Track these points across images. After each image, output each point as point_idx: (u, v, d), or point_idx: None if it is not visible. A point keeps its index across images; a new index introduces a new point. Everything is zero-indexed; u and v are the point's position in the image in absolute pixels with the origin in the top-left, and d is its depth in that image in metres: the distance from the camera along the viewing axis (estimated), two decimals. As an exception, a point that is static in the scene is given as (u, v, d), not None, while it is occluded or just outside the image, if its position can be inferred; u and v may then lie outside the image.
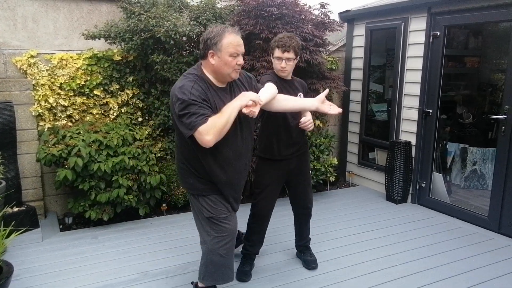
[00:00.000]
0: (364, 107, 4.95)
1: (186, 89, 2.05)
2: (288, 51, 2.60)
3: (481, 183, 4.66)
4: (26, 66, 3.68)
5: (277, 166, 2.76)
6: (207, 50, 2.11)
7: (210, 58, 2.11)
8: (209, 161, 2.18)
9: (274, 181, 2.78)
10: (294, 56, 2.63)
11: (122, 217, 3.77)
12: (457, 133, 5.08)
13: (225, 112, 2.05)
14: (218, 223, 2.23)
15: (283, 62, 2.62)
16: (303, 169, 2.87)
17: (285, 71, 2.67)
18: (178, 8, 3.88)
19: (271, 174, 2.77)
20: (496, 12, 3.52)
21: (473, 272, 2.94)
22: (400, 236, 3.55)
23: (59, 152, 3.37)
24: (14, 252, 3.13)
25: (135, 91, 4.08)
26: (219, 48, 2.07)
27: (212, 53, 2.10)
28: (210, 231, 2.25)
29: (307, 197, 2.93)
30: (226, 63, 2.09)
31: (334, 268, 2.98)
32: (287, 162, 2.78)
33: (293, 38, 2.65)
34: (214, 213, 2.23)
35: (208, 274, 2.31)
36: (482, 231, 3.66)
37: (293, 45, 2.60)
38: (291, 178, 2.86)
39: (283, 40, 2.61)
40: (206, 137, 1.99)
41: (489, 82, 5.07)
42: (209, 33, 2.11)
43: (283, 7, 3.90)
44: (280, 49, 2.60)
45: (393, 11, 4.38)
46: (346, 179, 5.22)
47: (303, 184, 2.90)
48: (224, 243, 2.25)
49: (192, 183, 2.26)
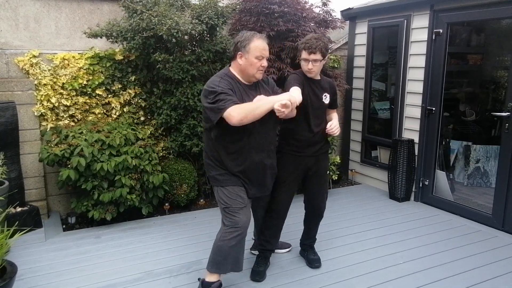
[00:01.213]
0: (366, 105, 4.93)
1: (214, 83, 2.34)
2: (315, 53, 2.60)
3: (484, 180, 4.65)
4: (28, 66, 3.68)
5: (295, 162, 2.76)
6: (237, 52, 2.41)
7: (239, 58, 2.40)
8: (225, 151, 2.43)
9: (291, 176, 2.78)
10: (320, 57, 2.62)
11: (125, 216, 3.77)
12: (460, 130, 5.06)
13: (257, 101, 2.29)
14: (231, 213, 2.42)
15: (310, 63, 2.63)
16: (320, 169, 2.86)
17: (312, 72, 2.68)
18: (180, 6, 3.87)
19: (289, 169, 2.77)
20: (499, 9, 3.50)
21: (478, 270, 2.93)
22: (404, 234, 3.54)
23: (61, 152, 3.37)
24: (17, 252, 3.13)
25: (137, 91, 4.07)
26: (247, 51, 2.37)
27: (241, 55, 2.39)
28: (224, 221, 2.44)
29: (320, 198, 2.92)
30: (252, 64, 2.38)
31: (337, 267, 2.97)
32: (306, 159, 2.77)
33: (320, 39, 2.64)
34: (229, 203, 2.42)
35: (215, 262, 2.45)
36: (486, 229, 3.65)
37: (320, 47, 2.59)
38: (308, 177, 2.86)
39: (309, 42, 2.61)
40: (233, 114, 2.21)
41: (492, 79, 5.05)
42: (240, 37, 2.42)
43: (285, 5, 3.90)
44: (306, 51, 2.61)
45: (396, 8, 4.36)
46: (349, 177, 5.20)
47: (318, 185, 2.88)
48: (235, 235, 2.40)
49: (213, 176, 2.50)
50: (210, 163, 2.52)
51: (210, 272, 2.49)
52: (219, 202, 2.49)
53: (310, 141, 2.75)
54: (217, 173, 2.49)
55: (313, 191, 2.90)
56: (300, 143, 2.74)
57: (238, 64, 2.42)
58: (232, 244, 2.41)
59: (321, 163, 2.85)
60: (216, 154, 2.47)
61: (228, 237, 2.40)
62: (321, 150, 2.83)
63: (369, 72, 4.84)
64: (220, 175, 2.48)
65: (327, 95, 2.78)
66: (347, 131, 5.28)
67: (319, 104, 2.75)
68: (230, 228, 2.41)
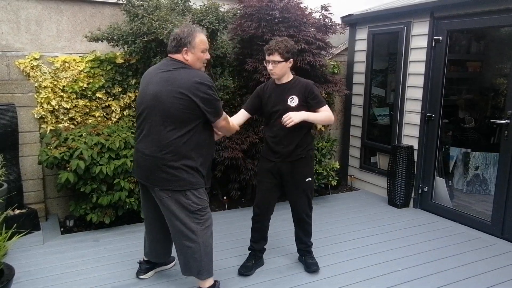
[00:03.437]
0: (366, 111, 4.94)
1: (210, 79, 2.37)
2: (272, 54, 2.66)
3: (483, 188, 4.64)
4: (29, 68, 3.68)
5: (267, 166, 2.84)
6: (182, 48, 2.37)
7: (184, 54, 2.38)
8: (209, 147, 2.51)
9: (266, 178, 2.85)
10: (279, 58, 2.65)
11: (124, 220, 3.76)
12: (460, 137, 5.06)
13: None
14: (203, 213, 2.44)
15: (270, 64, 2.69)
16: (295, 177, 2.81)
17: (274, 74, 2.73)
18: (181, 11, 3.89)
19: (262, 171, 2.88)
20: (499, 17, 3.52)
21: (477, 278, 2.92)
22: (402, 241, 3.54)
23: (61, 155, 3.36)
24: (15, 255, 3.12)
25: (137, 94, 4.07)
26: (193, 46, 2.36)
27: (186, 50, 2.37)
28: (197, 225, 2.42)
29: (299, 206, 2.90)
30: (199, 58, 2.41)
31: (336, 273, 2.96)
32: (277, 165, 2.81)
33: (282, 41, 2.68)
34: (201, 204, 2.43)
35: (205, 267, 2.48)
36: (485, 236, 3.64)
37: (277, 47, 2.63)
38: (284, 184, 2.87)
39: (270, 43, 2.70)
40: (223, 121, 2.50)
41: (491, 86, 5.06)
42: (181, 32, 2.38)
43: (285, 11, 3.91)
44: (266, 52, 2.71)
45: (396, 15, 4.38)
46: (348, 183, 5.20)
47: (295, 193, 2.87)
48: (211, 231, 2.49)
49: (185, 178, 2.37)
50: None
51: (204, 279, 2.52)
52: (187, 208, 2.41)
53: (277, 145, 2.77)
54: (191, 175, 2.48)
55: (291, 198, 2.92)
56: (269, 148, 2.82)
57: (184, 59, 2.38)
58: (211, 242, 2.51)
59: (297, 170, 2.80)
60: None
61: (207, 237, 2.47)
62: (295, 156, 2.78)
63: (369, 78, 4.86)
64: (195, 177, 2.52)
65: (294, 97, 2.72)
66: (347, 137, 5.28)
67: (283, 108, 2.71)
68: (206, 228, 2.47)
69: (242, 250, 3.15)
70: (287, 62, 2.70)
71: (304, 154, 2.81)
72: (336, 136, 5.26)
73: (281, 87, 2.77)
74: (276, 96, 2.76)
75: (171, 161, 2.32)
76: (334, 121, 2.92)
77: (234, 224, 3.86)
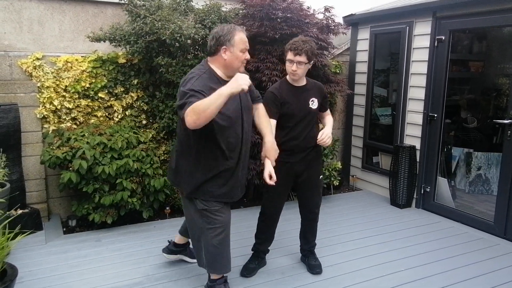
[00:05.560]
0: (368, 111, 4.93)
1: (188, 83, 2.19)
2: (300, 55, 2.56)
3: (486, 188, 4.64)
4: (31, 68, 3.69)
5: (284, 168, 2.71)
6: (220, 46, 2.28)
7: (223, 53, 2.28)
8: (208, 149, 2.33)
9: (280, 182, 2.73)
10: (306, 60, 2.59)
11: (126, 220, 3.76)
12: (462, 137, 5.05)
13: (210, 97, 2.03)
14: (210, 215, 2.40)
15: (294, 65, 2.60)
16: (311, 175, 2.84)
17: (296, 75, 2.64)
18: (183, 11, 3.89)
19: (278, 176, 2.72)
20: (501, 16, 3.51)
21: (479, 278, 2.91)
22: (405, 241, 3.53)
23: (63, 155, 3.37)
24: (17, 255, 3.12)
25: (139, 94, 4.08)
26: (232, 44, 2.27)
27: (225, 49, 2.28)
28: (203, 224, 2.41)
29: (313, 203, 2.91)
30: (238, 57, 2.30)
31: (338, 273, 2.96)
32: (295, 165, 2.76)
33: (308, 42, 2.62)
34: (207, 205, 2.39)
35: (207, 263, 2.50)
36: (488, 236, 3.63)
37: (306, 49, 2.56)
38: (299, 183, 2.85)
39: (296, 43, 2.58)
40: (187, 117, 2.03)
41: (493, 86, 5.05)
42: (221, 30, 2.29)
43: (288, 11, 3.91)
44: (292, 52, 2.59)
45: (398, 15, 4.38)
46: (350, 183, 5.20)
47: (310, 190, 2.88)
48: (217, 233, 2.41)
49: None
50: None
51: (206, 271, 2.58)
52: (194, 205, 2.46)
53: (299, 148, 2.73)
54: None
55: (305, 197, 2.91)
56: (289, 151, 2.71)
57: (222, 59, 2.30)
58: (216, 244, 2.45)
59: (312, 169, 2.83)
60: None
61: (210, 237, 2.45)
62: (312, 155, 2.80)
63: (371, 78, 4.85)
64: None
65: (314, 99, 2.73)
66: (349, 137, 5.28)
67: (306, 111, 2.71)
68: (210, 229, 2.44)
69: (245, 250, 3.15)
70: (310, 64, 2.67)
71: (319, 152, 2.89)
72: (338, 136, 5.25)
73: (301, 90, 2.73)
74: (300, 99, 2.70)
75: None
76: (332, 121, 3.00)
77: (236, 224, 3.85)
